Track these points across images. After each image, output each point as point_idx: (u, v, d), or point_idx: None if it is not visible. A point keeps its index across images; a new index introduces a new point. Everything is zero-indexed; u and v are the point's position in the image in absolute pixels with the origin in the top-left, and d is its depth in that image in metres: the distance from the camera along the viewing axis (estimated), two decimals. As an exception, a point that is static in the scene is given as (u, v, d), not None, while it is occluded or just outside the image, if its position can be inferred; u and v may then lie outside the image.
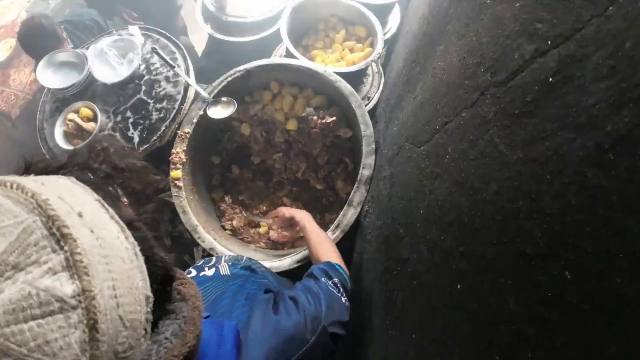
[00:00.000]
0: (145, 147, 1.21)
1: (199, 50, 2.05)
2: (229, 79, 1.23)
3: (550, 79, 0.37)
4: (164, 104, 1.25)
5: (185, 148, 1.19)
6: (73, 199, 0.27)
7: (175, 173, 1.17)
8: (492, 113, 0.47)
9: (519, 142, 0.40)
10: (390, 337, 0.68)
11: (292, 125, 1.26)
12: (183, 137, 1.20)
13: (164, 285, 0.33)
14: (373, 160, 1.07)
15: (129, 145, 1.23)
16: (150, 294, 0.29)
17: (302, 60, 1.21)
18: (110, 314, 0.25)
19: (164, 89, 1.28)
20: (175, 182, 1.16)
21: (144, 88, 1.29)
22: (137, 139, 1.23)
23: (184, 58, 1.31)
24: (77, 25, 1.65)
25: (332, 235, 1.03)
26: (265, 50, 1.47)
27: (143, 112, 1.26)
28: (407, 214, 0.70)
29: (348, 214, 1.04)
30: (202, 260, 0.81)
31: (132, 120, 1.25)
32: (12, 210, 0.23)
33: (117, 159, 0.34)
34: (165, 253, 0.34)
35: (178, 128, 1.22)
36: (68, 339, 0.22)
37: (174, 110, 1.23)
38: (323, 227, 1.30)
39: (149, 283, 0.29)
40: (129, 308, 0.26)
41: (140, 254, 0.29)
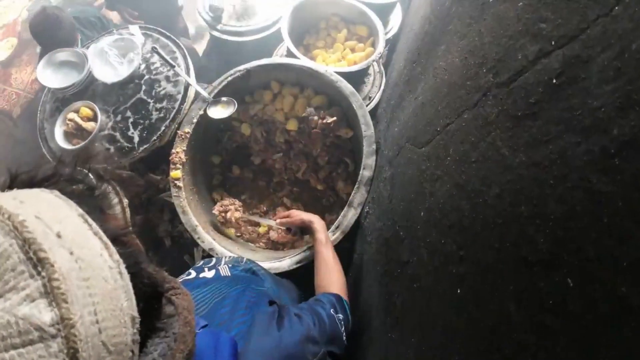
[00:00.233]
0: (145, 146, 1.21)
1: (200, 50, 2.04)
2: (229, 79, 1.22)
3: (554, 81, 0.36)
4: (164, 104, 1.25)
5: (185, 148, 1.19)
6: (53, 217, 0.26)
7: (175, 173, 1.16)
8: (494, 115, 0.46)
9: (522, 145, 0.39)
10: (390, 339, 0.67)
11: (292, 126, 1.25)
12: (183, 137, 1.20)
13: (152, 303, 0.32)
14: (374, 161, 1.06)
15: (128, 145, 1.22)
16: (137, 314, 0.28)
17: (302, 60, 1.20)
18: (92, 341, 0.24)
19: (164, 89, 1.27)
20: (175, 182, 1.16)
21: (144, 88, 1.29)
22: (137, 139, 1.22)
23: (184, 57, 1.30)
24: (82, 22, 1.66)
25: (332, 236, 1.02)
26: (266, 50, 1.46)
27: (143, 111, 1.26)
28: (407, 216, 0.69)
29: (348, 215, 1.04)
30: (201, 261, 0.80)
31: (132, 120, 1.25)
32: None
33: (102, 171, 0.33)
34: (154, 267, 0.32)
35: (178, 128, 1.22)
36: None
37: (174, 110, 1.23)
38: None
39: (135, 302, 0.28)
40: (113, 332, 0.25)
41: (126, 272, 0.28)
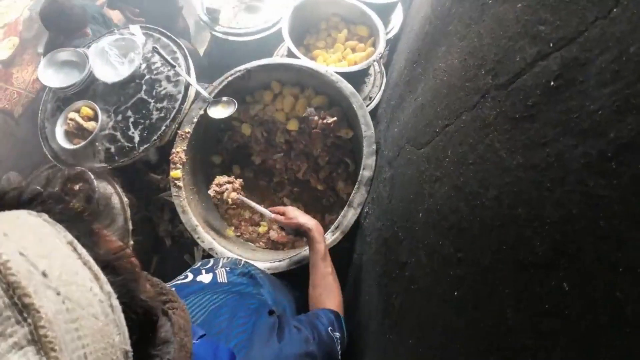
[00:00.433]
0: (146, 146, 1.21)
1: (201, 50, 2.04)
2: (230, 79, 1.22)
3: (552, 83, 0.36)
4: (165, 104, 1.25)
5: (186, 148, 1.19)
6: (39, 251, 0.25)
7: (175, 173, 1.16)
8: (492, 116, 0.46)
9: (520, 147, 0.39)
10: (389, 340, 0.67)
11: (293, 126, 1.25)
12: (183, 136, 1.20)
13: (146, 331, 0.31)
14: (374, 161, 1.06)
15: (128, 145, 1.23)
16: (129, 348, 0.27)
17: (303, 60, 1.20)
18: None
19: (165, 89, 1.27)
20: (175, 181, 1.16)
21: (145, 87, 1.29)
22: (137, 139, 1.23)
23: (185, 57, 1.30)
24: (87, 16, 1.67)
25: (332, 237, 1.02)
26: (267, 50, 1.46)
27: (144, 111, 1.26)
28: (406, 217, 0.69)
29: (348, 215, 1.04)
30: (199, 263, 0.80)
31: (132, 120, 1.25)
32: None
33: (91, 191, 0.33)
34: (150, 280, 0.31)
35: (178, 128, 1.22)
36: None
37: (175, 110, 1.23)
38: (323, 227, 1.30)
39: (128, 334, 0.27)
40: None
41: (117, 304, 0.27)
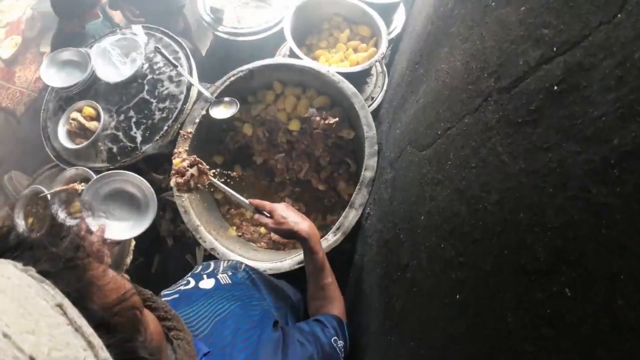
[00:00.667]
0: (148, 146, 1.21)
1: (203, 50, 2.04)
2: (232, 79, 1.22)
3: (556, 88, 0.36)
4: (167, 104, 1.25)
5: (188, 148, 1.19)
6: (24, 325, 0.23)
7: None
8: (495, 120, 0.45)
9: (522, 152, 0.39)
10: (389, 342, 0.67)
11: (294, 126, 1.25)
12: (185, 136, 1.20)
13: None
14: (375, 162, 1.06)
15: (130, 145, 1.23)
16: None
17: (305, 60, 1.20)
18: None
19: (167, 89, 1.27)
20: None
21: (147, 87, 1.29)
22: (139, 139, 1.23)
23: (187, 57, 1.31)
24: None
25: (333, 237, 1.02)
26: (269, 50, 1.46)
27: (146, 111, 1.26)
28: (407, 219, 0.69)
29: (349, 216, 1.04)
30: (200, 267, 0.80)
31: (134, 120, 1.26)
32: None
33: (79, 240, 0.31)
34: (150, 339, 0.30)
35: (180, 128, 1.22)
36: None
37: (177, 110, 1.23)
38: (324, 228, 1.30)
39: None
40: None
41: None
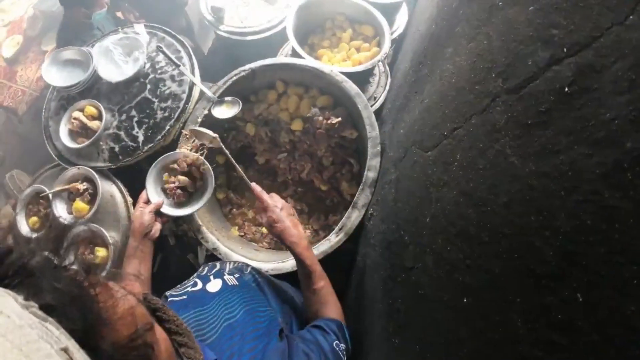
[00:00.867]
0: (150, 146, 1.21)
1: (205, 49, 2.04)
2: (234, 79, 1.22)
3: (566, 89, 0.35)
4: (169, 103, 1.25)
5: (190, 148, 1.19)
6: None
7: (179, 173, 1.16)
8: (503, 121, 0.45)
9: (531, 154, 0.38)
10: (392, 345, 0.67)
11: (297, 126, 1.24)
12: (188, 136, 1.19)
13: None
14: (378, 163, 1.05)
15: (132, 145, 1.23)
16: None
17: (307, 60, 1.20)
18: None
19: (169, 88, 1.27)
20: (179, 181, 1.16)
21: (149, 87, 1.29)
22: (141, 138, 1.23)
23: (189, 57, 1.30)
24: None
25: (335, 238, 1.02)
26: (271, 49, 1.45)
27: (148, 111, 1.26)
28: (412, 221, 0.69)
29: (352, 217, 1.03)
30: (206, 268, 0.80)
31: (136, 119, 1.25)
32: None
33: (76, 275, 0.29)
34: (169, 313, 0.31)
35: (183, 127, 1.22)
36: None
37: (179, 110, 1.23)
38: (327, 228, 1.30)
39: None
40: None
41: None
